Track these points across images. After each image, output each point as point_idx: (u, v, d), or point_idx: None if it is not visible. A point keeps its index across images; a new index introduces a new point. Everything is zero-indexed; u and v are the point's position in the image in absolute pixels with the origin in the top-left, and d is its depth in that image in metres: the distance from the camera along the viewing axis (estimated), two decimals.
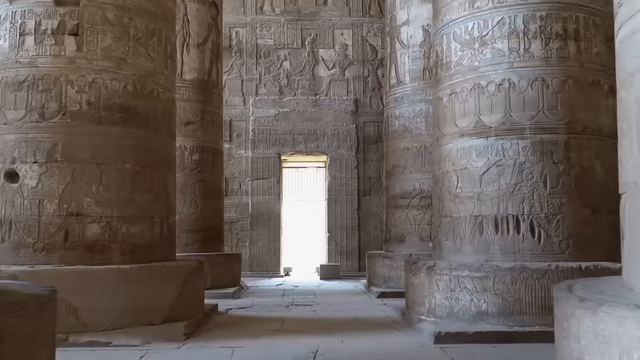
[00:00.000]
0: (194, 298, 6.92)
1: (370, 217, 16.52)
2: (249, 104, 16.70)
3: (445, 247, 7.05)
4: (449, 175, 7.05)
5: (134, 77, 6.66)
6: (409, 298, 7.31)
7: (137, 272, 6.22)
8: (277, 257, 16.32)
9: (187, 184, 11.04)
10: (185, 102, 11.17)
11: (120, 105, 6.52)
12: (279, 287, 12.97)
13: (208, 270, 10.43)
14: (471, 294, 6.26)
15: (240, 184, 16.55)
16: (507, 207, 6.48)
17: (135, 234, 6.52)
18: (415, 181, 11.25)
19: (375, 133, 16.73)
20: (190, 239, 10.92)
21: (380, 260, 11.38)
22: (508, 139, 6.57)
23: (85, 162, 6.29)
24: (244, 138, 16.64)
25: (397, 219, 11.45)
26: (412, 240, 11.18)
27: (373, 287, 11.18)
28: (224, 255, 11.23)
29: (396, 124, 11.71)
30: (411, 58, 11.56)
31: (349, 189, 16.51)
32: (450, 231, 6.97)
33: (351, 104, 16.73)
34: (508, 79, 6.62)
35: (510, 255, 6.41)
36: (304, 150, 16.57)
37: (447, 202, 7.06)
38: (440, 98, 7.34)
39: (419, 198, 11.18)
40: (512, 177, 6.50)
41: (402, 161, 11.48)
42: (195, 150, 11.20)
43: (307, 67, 16.88)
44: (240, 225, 16.41)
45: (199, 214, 11.08)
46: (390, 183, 11.83)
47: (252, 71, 16.87)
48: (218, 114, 11.87)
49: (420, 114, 11.34)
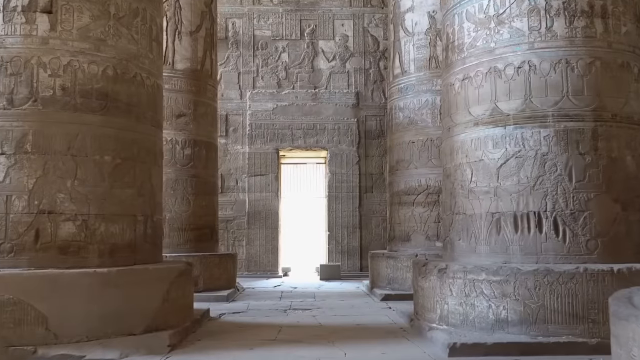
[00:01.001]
0: (181, 304, 6.27)
1: (372, 214, 15.88)
2: (245, 98, 16.06)
3: (458, 247, 6.41)
4: (462, 168, 6.40)
5: (114, 60, 6.02)
6: (417, 303, 6.66)
7: (116, 276, 5.57)
8: (275, 257, 15.68)
9: (179, 180, 10.39)
10: (176, 93, 10.53)
11: (98, 90, 5.87)
12: (276, 288, 12.34)
13: (200, 271, 9.85)
14: (489, 300, 5.62)
15: (236, 180, 15.91)
16: (527, 203, 5.84)
17: (115, 234, 5.88)
18: (421, 176, 10.61)
19: (378, 127, 16.08)
20: (182, 239, 10.28)
21: (384, 261, 10.74)
22: (528, 128, 5.92)
23: (59, 153, 5.64)
24: (240, 133, 16.00)
25: (402, 216, 10.81)
26: (417, 239, 10.54)
27: (376, 289, 10.54)
28: (218, 255, 10.59)
29: (400, 116, 11.06)
30: (416, 46, 10.91)
31: (350, 185, 15.87)
32: (463, 230, 6.33)
33: (352, 97, 16.08)
34: (528, 61, 5.97)
35: (532, 257, 5.77)
36: (303, 146, 15.93)
37: (459, 198, 6.42)
38: (451, 84, 6.70)
39: (425, 194, 10.53)
40: (533, 170, 5.85)
41: (407, 155, 10.84)
42: (188, 144, 10.55)
43: (306, 59, 16.23)
44: (237, 224, 15.77)
45: (191, 211, 10.44)
46: (394, 179, 11.19)
47: (249, 63, 16.22)
48: (212, 106, 11.23)
49: (426, 105, 10.70)
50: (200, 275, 10.05)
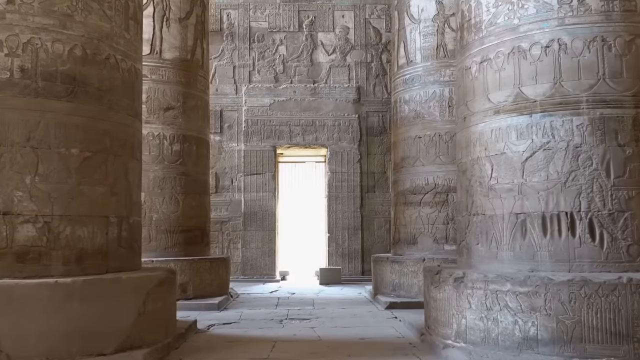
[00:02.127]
0: (160, 317, 5.49)
1: (374, 215, 15.10)
2: (241, 93, 15.28)
3: (476, 252, 5.63)
4: (481, 162, 5.63)
5: (83, 39, 5.25)
6: (429, 316, 5.89)
7: (82, 286, 4.80)
8: (272, 260, 14.90)
9: (167, 178, 9.61)
10: (164, 85, 9.75)
11: (64, 73, 5.10)
12: (273, 294, 11.56)
13: (190, 277, 9.11)
14: (515, 315, 4.84)
15: (232, 179, 15.12)
16: (558, 203, 5.07)
17: (83, 238, 5.10)
18: (428, 174, 9.83)
19: (380, 124, 15.31)
20: (169, 242, 9.50)
21: (388, 265, 9.96)
22: (558, 116, 5.15)
23: (17, 145, 4.88)
24: (236, 130, 15.21)
25: (408, 217, 10.03)
26: (425, 242, 9.77)
27: (380, 296, 9.76)
28: (209, 259, 9.80)
29: (406, 109, 10.29)
30: (422, 34, 10.14)
31: (351, 185, 15.09)
32: (482, 233, 5.55)
33: (353, 92, 15.30)
34: (558, 39, 5.21)
35: (563, 264, 4.99)
36: (301, 143, 15.15)
37: (478, 197, 5.64)
38: (467, 68, 5.92)
39: (432, 194, 9.76)
40: (565, 164, 5.08)
41: (413, 152, 10.06)
42: (176, 139, 9.77)
43: (304, 52, 15.45)
44: (232, 225, 14.98)
45: (180, 212, 9.66)
46: (399, 177, 10.41)
47: (244, 57, 15.44)
48: (203, 99, 10.44)
49: (434, 98, 9.92)
50: (189, 281, 9.29)
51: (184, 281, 9.23)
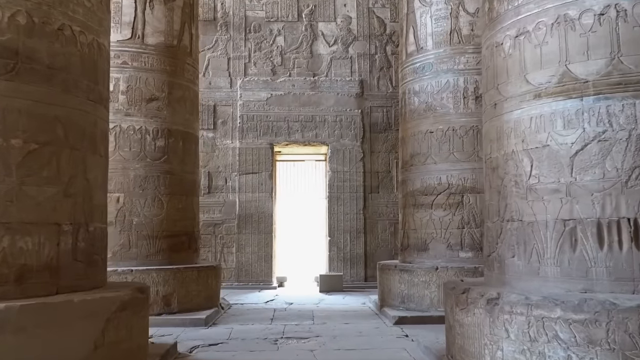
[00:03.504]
0: (125, 349, 4.47)
1: (378, 218, 14.09)
2: (236, 86, 14.26)
3: (512, 267, 4.62)
4: (517, 157, 4.62)
5: (29, 3, 4.24)
6: (454, 343, 4.88)
7: (20, 314, 3.78)
8: (269, 266, 13.88)
9: (149, 177, 8.60)
10: (147, 73, 8.74)
11: (3, 46, 4.10)
12: (269, 305, 10.55)
13: (175, 288, 8.14)
14: (567, 349, 3.83)
15: (226, 179, 14.10)
16: (617, 207, 4.06)
17: (26, 251, 4.09)
18: (441, 173, 8.82)
19: (384, 119, 14.30)
20: (151, 248, 8.48)
21: (396, 274, 8.94)
22: (617, 99, 4.15)
23: None
24: (230, 126, 14.20)
25: (418, 221, 9.02)
26: (437, 248, 8.75)
27: (387, 309, 8.74)
28: (196, 268, 8.79)
29: (415, 101, 9.28)
30: (434, 18, 9.12)
31: (353, 185, 14.07)
32: (519, 243, 4.54)
33: (356, 85, 14.29)
34: (615, 4, 4.21)
35: (626, 284, 3.99)
36: (300, 140, 14.13)
37: (513, 199, 4.64)
38: (498, 44, 4.92)
39: (446, 195, 8.75)
40: (626, 159, 4.08)
41: (424, 148, 9.05)
42: (160, 134, 8.75)
43: (304, 43, 14.44)
44: (226, 228, 13.96)
45: (164, 215, 8.64)
46: (408, 176, 9.40)
47: (240, 48, 14.42)
48: (191, 90, 9.43)
49: (447, 88, 8.91)
50: (173, 293, 8.28)
51: (168, 293, 8.22)
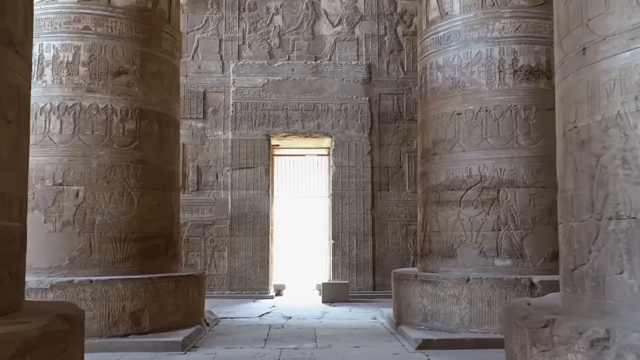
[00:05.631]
0: None
1: (388, 218, 12.54)
2: (229, 71, 12.73)
3: (619, 288, 3.06)
4: (625, 123, 3.07)
5: None
6: None
7: None
8: (265, 272, 12.32)
9: (116, 167, 7.06)
10: (114, 40, 7.20)
11: None
12: (263, 319, 9.01)
13: (146, 303, 6.66)
14: None
15: (217, 174, 12.56)
16: None
17: None
18: (471, 163, 7.28)
19: (395, 108, 12.76)
20: (118, 254, 6.93)
21: (416, 286, 7.38)
22: None
23: None
24: (222, 115, 12.66)
25: (443, 221, 7.48)
26: (467, 254, 7.20)
27: (406, 328, 7.19)
28: (173, 278, 7.23)
29: (439, 77, 7.74)
30: None
31: (359, 181, 12.53)
32: (632, 252, 2.99)
33: (363, 70, 12.75)
34: None
35: None
36: (300, 132, 12.59)
37: (619, 186, 3.09)
38: None
39: (477, 189, 7.21)
40: None
41: (450, 134, 7.51)
42: (131, 114, 7.21)
43: (305, 23, 12.91)
44: (217, 230, 12.41)
45: (134, 213, 7.10)
46: (429, 168, 7.85)
47: (233, 28, 12.89)
48: (170, 64, 7.89)
49: (479, 60, 7.38)
50: (145, 308, 6.74)
51: (137, 309, 6.68)
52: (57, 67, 7.00)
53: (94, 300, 6.47)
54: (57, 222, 6.77)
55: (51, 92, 6.98)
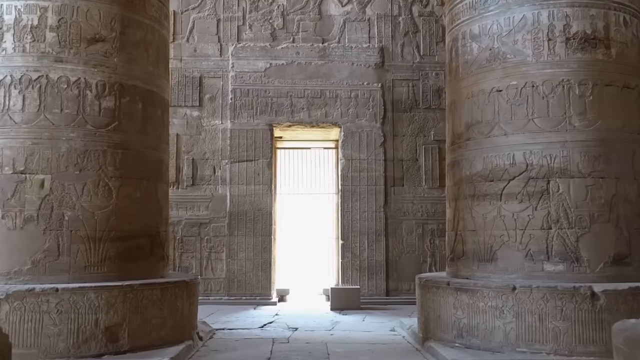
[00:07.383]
0: None
1: (403, 217, 11.36)
2: (227, 54, 11.57)
3: None
4: None
5: None
6: None
7: None
8: (267, 275, 11.14)
9: (90, 152, 5.88)
10: (88, 2, 6.02)
11: None
12: (265, 331, 7.85)
13: (124, 316, 5.62)
14: None
15: (214, 168, 11.40)
16: None
17: None
18: (514, 149, 6.11)
19: (410, 96, 11.61)
20: (93, 256, 5.75)
21: (449, 295, 6.20)
22: None
23: None
24: (220, 102, 11.50)
25: (479, 218, 6.30)
26: (510, 258, 6.02)
27: (436, 346, 6.02)
28: (159, 285, 6.04)
29: (474, 48, 6.56)
30: None
31: (371, 176, 11.36)
32: None
33: (374, 54, 11.59)
34: None
35: None
36: (307, 121, 11.43)
37: None
38: None
39: (522, 180, 6.04)
40: None
41: (488, 114, 6.34)
42: (109, 90, 6.03)
43: (311, 1, 11.76)
44: (214, 229, 11.24)
45: (112, 207, 5.92)
46: (462, 155, 6.67)
47: (232, 7, 11.72)
48: (157, 33, 6.72)
49: (523, 27, 6.20)
50: (123, 322, 5.58)
51: (114, 323, 5.51)
52: (19, 32, 5.83)
53: (60, 313, 5.30)
54: (18, 218, 5.60)
55: (12, 61, 5.80)
